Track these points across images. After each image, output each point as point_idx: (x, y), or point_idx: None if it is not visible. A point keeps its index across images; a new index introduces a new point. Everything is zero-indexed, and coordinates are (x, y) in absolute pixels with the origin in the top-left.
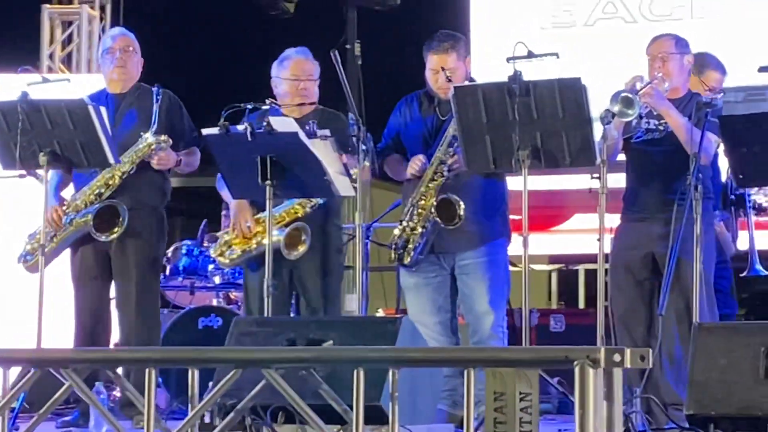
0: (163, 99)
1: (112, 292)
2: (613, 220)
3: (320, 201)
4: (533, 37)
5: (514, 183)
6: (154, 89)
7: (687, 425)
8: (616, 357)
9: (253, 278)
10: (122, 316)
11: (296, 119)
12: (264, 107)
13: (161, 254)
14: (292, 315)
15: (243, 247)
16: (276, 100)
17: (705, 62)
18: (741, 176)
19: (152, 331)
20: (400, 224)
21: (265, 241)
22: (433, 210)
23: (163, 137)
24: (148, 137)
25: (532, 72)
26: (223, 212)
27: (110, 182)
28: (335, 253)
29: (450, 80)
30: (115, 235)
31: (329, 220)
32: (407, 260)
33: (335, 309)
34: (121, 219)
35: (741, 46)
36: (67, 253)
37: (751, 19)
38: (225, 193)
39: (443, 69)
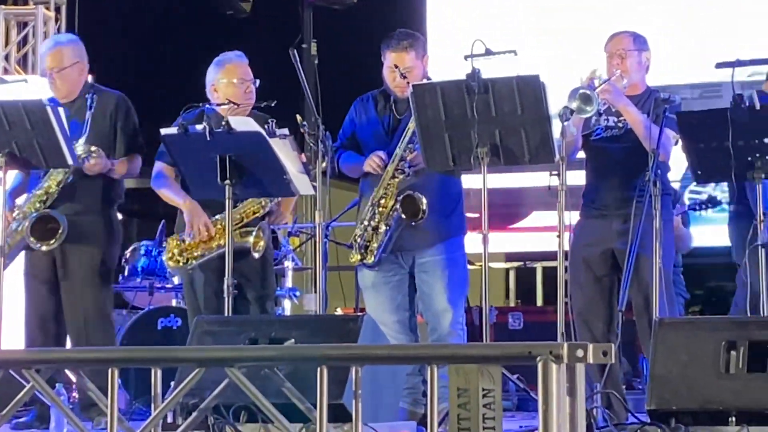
0: (107, 102)
1: None
2: (572, 217)
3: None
4: (490, 34)
5: (473, 181)
6: (88, 97)
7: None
8: (579, 352)
9: (199, 279)
10: (70, 322)
11: None
12: (201, 107)
13: (111, 258)
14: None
15: (202, 250)
16: (210, 102)
17: None
18: (699, 172)
19: (104, 335)
20: (361, 224)
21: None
22: (397, 206)
23: (92, 148)
24: (78, 147)
25: (490, 69)
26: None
27: (50, 191)
28: (271, 249)
29: (404, 77)
30: (53, 246)
31: (266, 216)
32: (370, 260)
33: (273, 295)
34: (60, 230)
35: (696, 43)
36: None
37: (704, 16)
38: (165, 192)
39: (397, 67)
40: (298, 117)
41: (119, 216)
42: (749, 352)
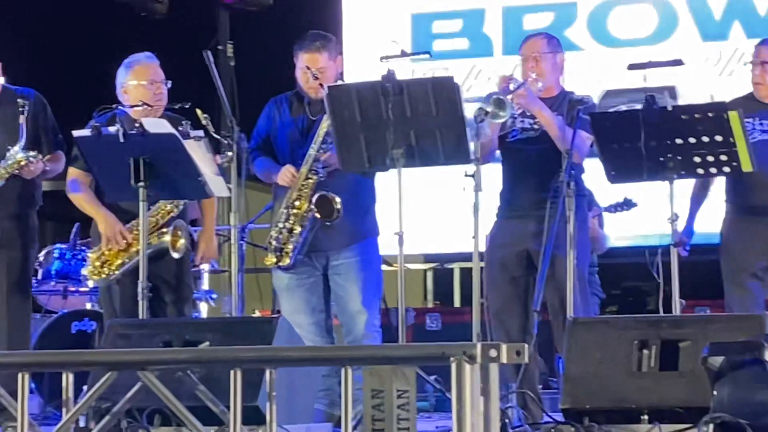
0: (28, 104)
1: None
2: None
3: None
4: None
5: None
6: (20, 101)
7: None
8: (492, 352)
9: (115, 283)
10: None
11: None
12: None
13: (32, 261)
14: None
15: (122, 259)
16: (122, 104)
17: None
18: (613, 173)
19: (23, 338)
20: (276, 226)
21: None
22: (312, 207)
23: (32, 153)
24: (18, 153)
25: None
26: None
27: None
28: (188, 251)
29: (317, 78)
30: None
31: (183, 213)
32: (286, 262)
33: (191, 298)
34: None
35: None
36: None
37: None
38: (80, 201)
39: (309, 68)
40: (199, 111)
41: None
42: (661, 350)
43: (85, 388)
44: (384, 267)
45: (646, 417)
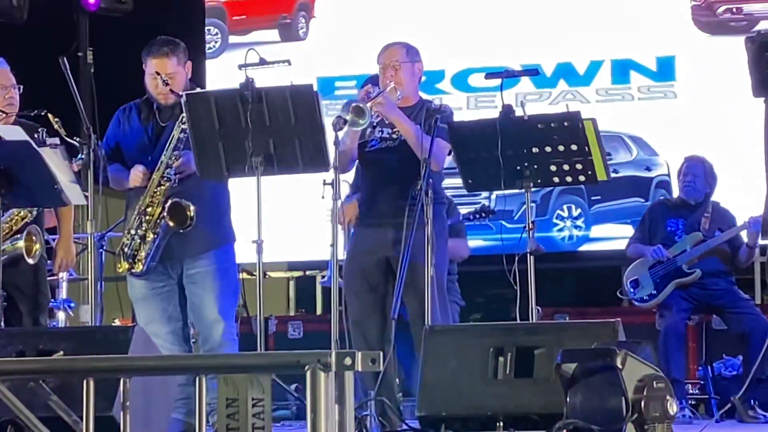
0: None
1: None
2: None
3: None
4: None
5: None
6: None
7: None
8: (347, 360)
9: None
10: None
11: None
12: None
13: None
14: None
15: None
16: None
17: None
18: (470, 181)
19: None
20: (128, 233)
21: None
22: (164, 215)
23: None
24: None
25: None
26: None
27: None
28: (44, 259)
29: (167, 84)
30: None
31: (39, 220)
32: (139, 268)
33: (47, 307)
34: None
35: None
36: None
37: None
38: None
39: (158, 74)
40: (50, 116)
41: None
42: (516, 357)
43: None
44: (245, 276)
45: (501, 423)
